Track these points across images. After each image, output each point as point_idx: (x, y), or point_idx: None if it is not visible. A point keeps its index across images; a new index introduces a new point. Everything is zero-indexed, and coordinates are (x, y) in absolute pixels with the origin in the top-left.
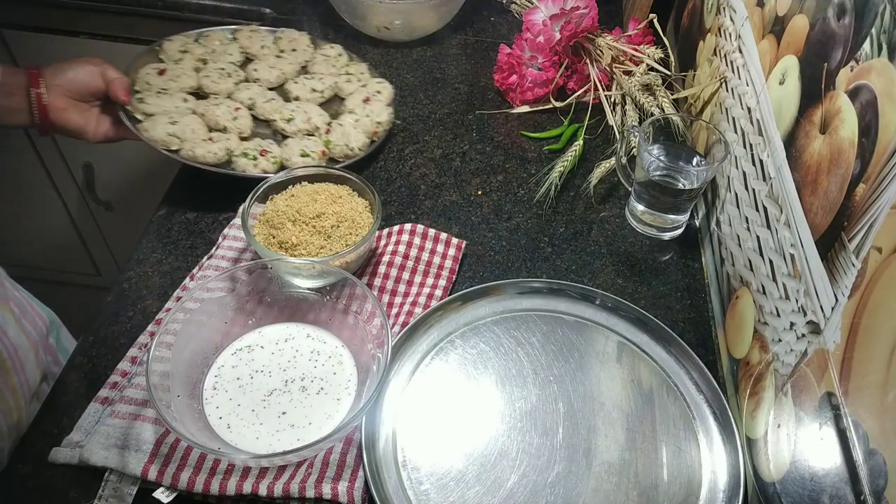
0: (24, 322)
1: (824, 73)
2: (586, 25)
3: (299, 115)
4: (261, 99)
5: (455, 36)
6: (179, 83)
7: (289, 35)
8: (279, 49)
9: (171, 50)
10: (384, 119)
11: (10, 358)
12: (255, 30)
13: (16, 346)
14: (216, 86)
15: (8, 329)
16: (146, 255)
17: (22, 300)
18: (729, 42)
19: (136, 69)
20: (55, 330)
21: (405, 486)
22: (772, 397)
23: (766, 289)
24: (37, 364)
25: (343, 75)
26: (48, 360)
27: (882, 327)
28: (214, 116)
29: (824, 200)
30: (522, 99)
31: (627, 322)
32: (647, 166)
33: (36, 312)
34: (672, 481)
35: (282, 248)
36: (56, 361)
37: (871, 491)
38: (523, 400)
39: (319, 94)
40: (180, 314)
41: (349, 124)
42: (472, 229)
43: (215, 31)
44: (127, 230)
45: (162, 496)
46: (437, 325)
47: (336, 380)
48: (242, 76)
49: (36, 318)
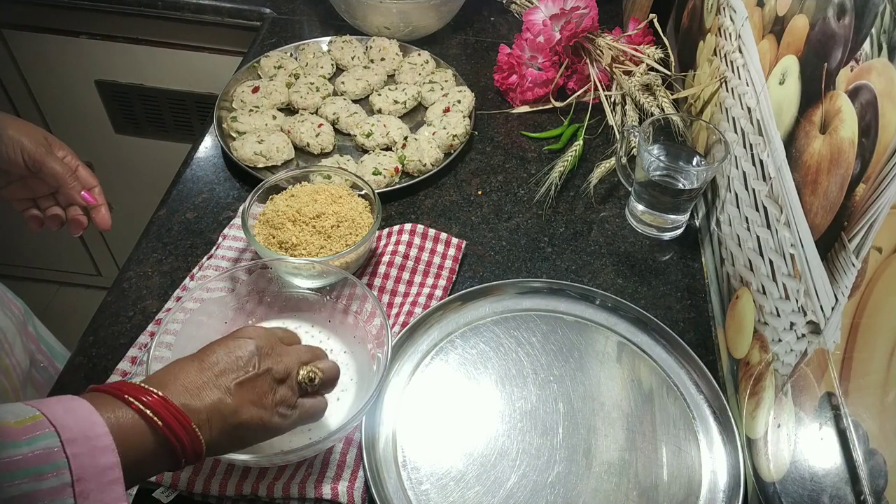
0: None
1: (824, 73)
2: (586, 25)
3: (378, 130)
4: (344, 113)
5: (455, 36)
6: (271, 100)
7: (379, 44)
8: (369, 59)
9: (267, 66)
10: (460, 132)
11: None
12: (348, 40)
13: (3, 328)
14: (304, 101)
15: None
16: (146, 255)
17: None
18: (729, 42)
19: (232, 86)
20: (30, 319)
21: (405, 486)
22: (772, 397)
23: (766, 289)
24: (24, 349)
25: (427, 84)
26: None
27: (882, 327)
28: (299, 133)
29: (824, 200)
30: (522, 99)
31: (627, 322)
32: (647, 166)
33: (10, 300)
34: (672, 481)
35: (282, 248)
36: (39, 349)
37: (871, 491)
38: (523, 400)
39: (402, 106)
40: (180, 314)
41: (425, 139)
42: (472, 229)
43: (310, 44)
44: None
45: (162, 496)
46: (437, 325)
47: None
48: (330, 89)
49: (12, 306)
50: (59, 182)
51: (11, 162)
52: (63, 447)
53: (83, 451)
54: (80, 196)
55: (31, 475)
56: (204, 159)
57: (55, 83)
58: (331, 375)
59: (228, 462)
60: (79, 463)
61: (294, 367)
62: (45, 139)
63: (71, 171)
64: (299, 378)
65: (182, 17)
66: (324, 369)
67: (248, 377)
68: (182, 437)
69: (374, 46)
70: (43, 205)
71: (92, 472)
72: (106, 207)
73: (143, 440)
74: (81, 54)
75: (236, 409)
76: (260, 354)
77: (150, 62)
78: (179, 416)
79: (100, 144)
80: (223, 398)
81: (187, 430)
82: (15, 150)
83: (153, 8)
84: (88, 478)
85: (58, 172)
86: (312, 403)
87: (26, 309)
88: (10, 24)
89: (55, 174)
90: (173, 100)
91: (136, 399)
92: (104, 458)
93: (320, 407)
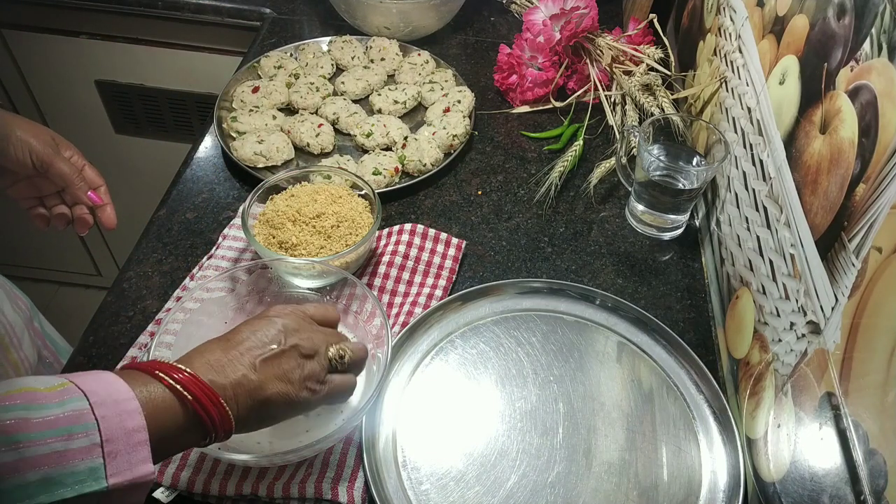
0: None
1: (824, 73)
2: (586, 25)
3: (378, 130)
4: (344, 113)
5: (455, 36)
6: (271, 100)
7: (379, 44)
8: (369, 59)
9: (267, 66)
10: (460, 132)
11: (8, 335)
12: (348, 40)
13: (11, 323)
14: (304, 101)
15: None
16: (146, 255)
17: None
18: (729, 42)
19: (232, 86)
20: (35, 315)
21: (405, 486)
22: (772, 397)
23: (766, 289)
24: (31, 343)
25: (427, 84)
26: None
27: (882, 327)
28: (299, 133)
29: (824, 200)
30: (522, 99)
31: (627, 322)
32: (647, 166)
33: (17, 296)
34: (672, 481)
35: (282, 248)
36: (45, 346)
37: (871, 491)
38: (523, 400)
39: (402, 106)
40: (180, 314)
41: (425, 139)
42: (472, 229)
43: (310, 44)
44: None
45: (162, 496)
46: (437, 325)
47: None
48: (330, 89)
49: (19, 301)
50: (66, 182)
51: (20, 163)
52: (92, 409)
53: (111, 414)
54: (86, 196)
55: (63, 434)
56: (204, 159)
57: (55, 83)
58: (360, 355)
59: (228, 462)
60: (107, 424)
61: (322, 344)
62: (53, 139)
63: (77, 171)
64: (329, 354)
65: (182, 17)
66: (353, 349)
67: (273, 354)
68: (212, 412)
69: (374, 46)
70: (49, 203)
71: (120, 434)
72: (112, 207)
73: (175, 415)
74: (81, 54)
75: (261, 384)
76: (286, 331)
77: (150, 62)
78: (209, 392)
79: (100, 144)
80: (247, 374)
81: (217, 406)
82: (23, 151)
83: (153, 8)
84: (116, 439)
85: (65, 173)
86: (342, 379)
87: (31, 304)
88: (10, 24)
89: (62, 174)
90: (173, 100)
91: (167, 375)
92: (131, 421)
93: (350, 383)
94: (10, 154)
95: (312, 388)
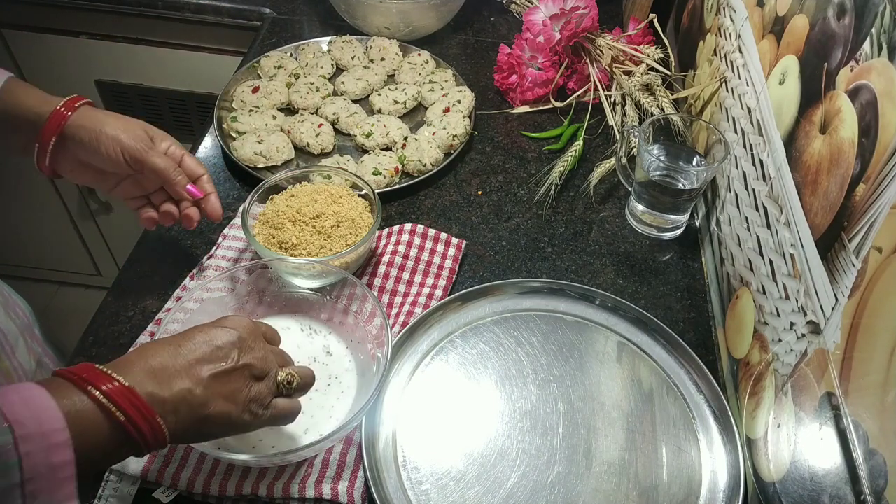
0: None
1: (824, 73)
2: (586, 25)
3: (378, 130)
4: (344, 113)
5: (455, 36)
6: (271, 100)
7: (379, 44)
8: (369, 59)
9: (267, 66)
10: (460, 132)
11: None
12: (348, 40)
13: (4, 331)
14: (304, 101)
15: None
16: (146, 255)
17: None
18: (729, 42)
19: (232, 86)
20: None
21: (405, 486)
22: (772, 397)
23: (766, 289)
24: (28, 350)
25: (427, 84)
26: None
27: (882, 327)
28: (299, 133)
29: (824, 200)
30: (522, 99)
31: (627, 322)
32: (647, 166)
33: (15, 303)
34: (672, 481)
35: (282, 248)
36: (46, 352)
37: (871, 491)
38: (523, 400)
39: (402, 106)
40: (180, 314)
41: (425, 139)
42: (472, 229)
43: (310, 44)
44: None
45: (162, 496)
46: (437, 325)
47: (336, 380)
48: (330, 89)
49: (17, 309)
50: (162, 177)
51: (113, 162)
52: (16, 445)
53: (36, 450)
54: (184, 190)
55: None
56: (204, 159)
57: (55, 83)
58: (307, 381)
59: (228, 462)
60: (31, 462)
61: (273, 366)
62: (147, 133)
63: (174, 164)
64: (279, 378)
65: (182, 17)
66: (301, 374)
67: (223, 370)
68: (143, 428)
69: (374, 46)
70: (156, 200)
71: (44, 470)
72: (216, 195)
73: (101, 430)
74: (81, 54)
75: (205, 401)
76: (241, 347)
77: (150, 62)
78: (142, 407)
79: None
80: (193, 389)
81: (149, 422)
82: (115, 150)
83: (153, 8)
84: (39, 477)
85: (160, 168)
86: (287, 405)
87: (31, 312)
88: (10, 24)
89: (157, 169)
90: (173, 100)
91: (96, 387)
92: (58, 456)
93: (294, 409)
94: (103, 153)
95: (255, 411)
